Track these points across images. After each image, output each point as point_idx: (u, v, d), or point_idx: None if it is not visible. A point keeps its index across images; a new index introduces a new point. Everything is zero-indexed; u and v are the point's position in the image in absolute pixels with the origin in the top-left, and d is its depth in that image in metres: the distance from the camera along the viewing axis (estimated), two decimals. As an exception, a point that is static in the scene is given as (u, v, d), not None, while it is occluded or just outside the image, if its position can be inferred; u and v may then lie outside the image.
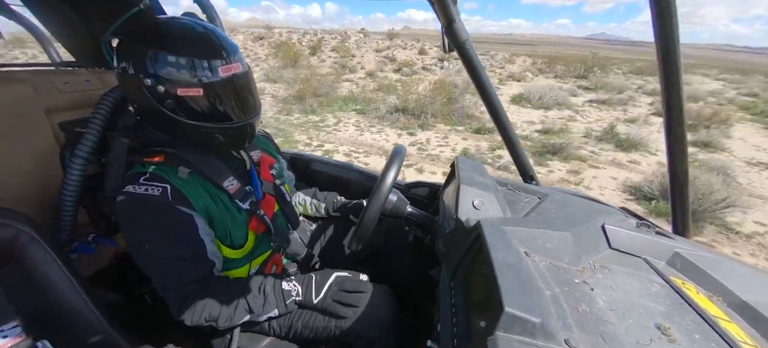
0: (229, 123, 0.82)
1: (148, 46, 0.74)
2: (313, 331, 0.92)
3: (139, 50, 0.74)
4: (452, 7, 0.91)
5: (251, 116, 0.86)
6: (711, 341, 0.49)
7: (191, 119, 0.78)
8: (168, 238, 0.78)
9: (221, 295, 0.81)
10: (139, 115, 0.84)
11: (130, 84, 0.77)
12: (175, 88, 0.74)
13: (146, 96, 0.75)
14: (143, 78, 0.73)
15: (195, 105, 0.77)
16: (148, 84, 0.74)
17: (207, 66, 0.75)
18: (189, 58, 0.74)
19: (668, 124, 0.82)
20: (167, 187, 0.77)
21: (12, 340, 0.62)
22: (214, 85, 0.76)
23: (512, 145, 1.16)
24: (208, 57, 0.75)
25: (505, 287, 0.47)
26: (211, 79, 0.75)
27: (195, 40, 0.77)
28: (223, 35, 0.81)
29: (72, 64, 1.50)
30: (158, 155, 0.83)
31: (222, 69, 0.76)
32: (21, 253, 0.74)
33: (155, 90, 0.74)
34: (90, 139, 0.87)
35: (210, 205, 0.84)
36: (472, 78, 1.05)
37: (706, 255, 0.69)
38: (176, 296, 0.79)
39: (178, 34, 0.77)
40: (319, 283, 0.89)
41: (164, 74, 0.73)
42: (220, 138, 0.83)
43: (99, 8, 1.28)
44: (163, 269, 0.79)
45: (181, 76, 0.74)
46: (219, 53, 0.77)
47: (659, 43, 0.71)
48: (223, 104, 0.80)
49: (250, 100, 0.86)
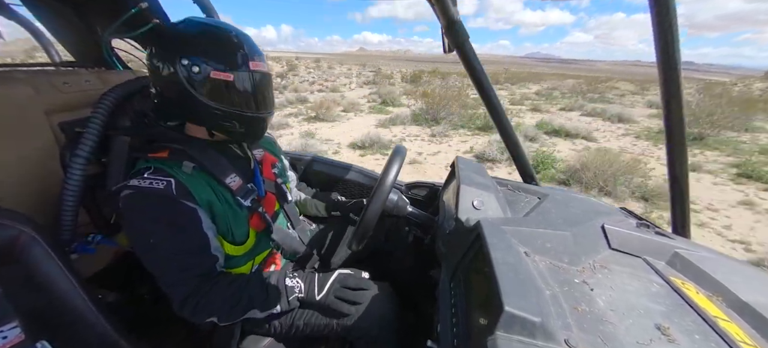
0: (250, 112, 0.86)
1: (190, 35, 0.81)
2: (315, 329, 0.92)
3: (178, 36, 0.81)
4: (452, 8, 0.91)
5: (268, 111, 0.91)
6: (711, 341, 0.49)
7: (216, 100, 0.82)
8: (172, 232, 0.78)
9: (224, 290, 0.81)
10: (158, 101, 0.87)
11: (162, 64, 0.80)
12: (209, 70, 0.79)
13: (176, 76, 0.79)
14: (180, 58, 0.78)
15: (223, 89, 0.81)
16: (184, 63, 0.78)
17: (240, 57, 0.82)
18: (225, 48, 0.82)
19: (668, 127, 0.83)
20: (171, 181, 0.78)
21: (11, 341, 0.62)
22: (244, 75, 0.82)
23: (512, 145, 1.16)
24: (241, 50, 0.83)
25: (505, 287, 0.47)
26: (242, 69, 0.82)
27: (230, 37, 0.84)
28: (252, 40, 0.88)
29: (72, 64, 1.50)
30: (163, 151, 0.84)
31: (252, 63, 0.83)
32: (21, 254, 0.74)
33: (189, 70, 0.78)
34: (90, 138, 0.88)
35: (213, 199, 0.84)
36: (472, 78, 1.05)
37: (705, 255, 0.69)
38: (180, 291, 0.78)
39: (215, 30, 0.83)
40: (322, 281, 0.89)
41: (202, 56, 0.79)
42: (237, 125, 0.86)
43: (98, 8, 1.29)
44: (167, 263, 0.79)
45: (217, 61, 0.80)
46: (251, 50, 0.84)
47: (659, 48, 0.71)
48: (248, 94, 0.85)
49: (268, 98, 0.92)
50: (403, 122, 8.17)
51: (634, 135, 7.88)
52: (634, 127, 8.63)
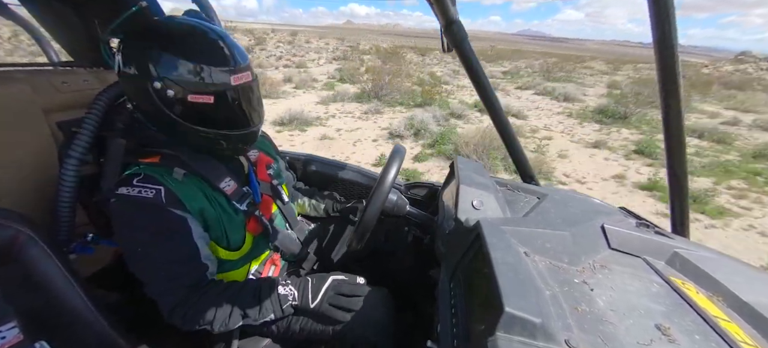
0: (236, 130, 0.82)
1: (160, 48, 0.72)
2: (311, 334, 0.91)
3: (149, 52, 0.73)
4: (452, 8, 0.91)
5: (256, 125, 0.86)
6: (711, 341, 0.49)
7: (197, 125, 0.77)
8: (160, 241, 0.76)
9: (215, 300, 0.80)
10: (140, 115, 0.83)
11: (135, 86, 0.76)
12: (186, 93, 0.73)
13: (152, 98, 0.73)
14: (152, 81, 0.72)
15: (204, 111, 0.76)
16: (156, 87, 0.72)
17: (219, 74, 0.74)
18: (202, 65, 0.72)
19: (667, 124, 0.82)
20: (161, 189, 0.76)
21: (10, 341, 0.62)
22: (225, 94, 0.75)
23: (512, 145, 1.16)
24: (221, 65, 0.74)
25: (505, 287, 0.47)
26: (223, 87, 0.75)
27: (208, 47, 0.75)
28: (234, 42, 0.80)
29: (70, 64, 1.50)
30: (154, 156, 0.82)
31: (234, 78, 0.76)
32: (20, 254, 0.74)
33: (163, 93, 0.72)
34: (83, 138, 0.86)
35: (205, 206, 0.83)
36: (471, 77, 1.04)
37: (705, 255, 0.69)
38: (168, 300, 0.77)
39: (190, 39, 0.75)
40: (315, 288, 0.87)
41: (175, 78, 0.72)
42: (224, 144, 0.83)
43: (97, 8, 1.28)
44: (155, 272, 0.77)
45: (193, 83, 0.72)
46: (232, 62, 0.76)
47: (657, 44, 0.71)
48: (232, 112, 0.79)
49: (256, 109, 0.85)
50: (343, 99, 8.19)
51: (567, 114, 8.09)
52: (574, 107, 8.98)
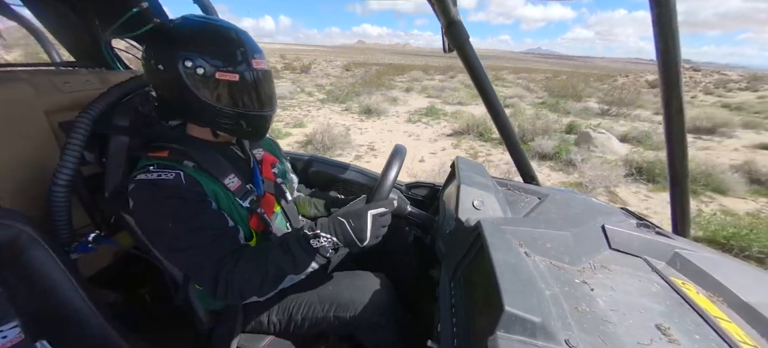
0: (255, 111, 0.86)
1: (191, 33, 0.80)
2: (313, 323, 0.92)
3: (179, 38, 0.79)
4: (452, 8, 0.91)
5: (272, 108, 0.92)
6: (711, 341, 0.49)
7: (221, 102, 0.82)
8: (190, 214, 0.77)
9: (248, 264, 0.78)
10: (159, 103, 0.86)
11: (162, 65, 0.79)
12: (214, 70, 0.78)
13: (180, 80, 0.78)
14: (182, 60, 0.77)
15: (228, 90, 0.81)
16: (187, 65, 0.77)
17: (243, 56, 0.82)
18: (228, 47, 0.81)
19: (668, 125, 0.82)
20: (180, 173, 0.78)
21: (11, 340, 0.62)
22: (248, 74, 0.82)
23: (512, 146, 1.16)
24: (243, 48, 0.82)
25: (506, 287, 0.47)
26: (246, 68, 0.82)
27: (231, 33, 0.83)
28: (251, 36, 0.87)
29: (72, 64, 1.50)
30: (162, 151, 0.84)
31: (254, 61, 0.83)
32: (21, 254, 0.74)
33: (193, 71, 0.78)
34: (80, 133, 0.87)
35: (219, 192, 0.85)
36: (472, 78, 1.05)
37: (706, 255, 0.69)
38: (208, 274, 0.76)
39: (213, 28, 0.82)
40: (357, 229, 0.82)
41: (205, 56, 0.78)
42: (244, 124, 0.86)
43: (99, 8, 1.29)
44: (191, 248, 0.76)
45: (222, 61, 0.79)
46: (252, 47, 0.84)
47: (659, 46, 0.71)
48: (252, 93, 0.85)
49: (271, 95, 0.92)
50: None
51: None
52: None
